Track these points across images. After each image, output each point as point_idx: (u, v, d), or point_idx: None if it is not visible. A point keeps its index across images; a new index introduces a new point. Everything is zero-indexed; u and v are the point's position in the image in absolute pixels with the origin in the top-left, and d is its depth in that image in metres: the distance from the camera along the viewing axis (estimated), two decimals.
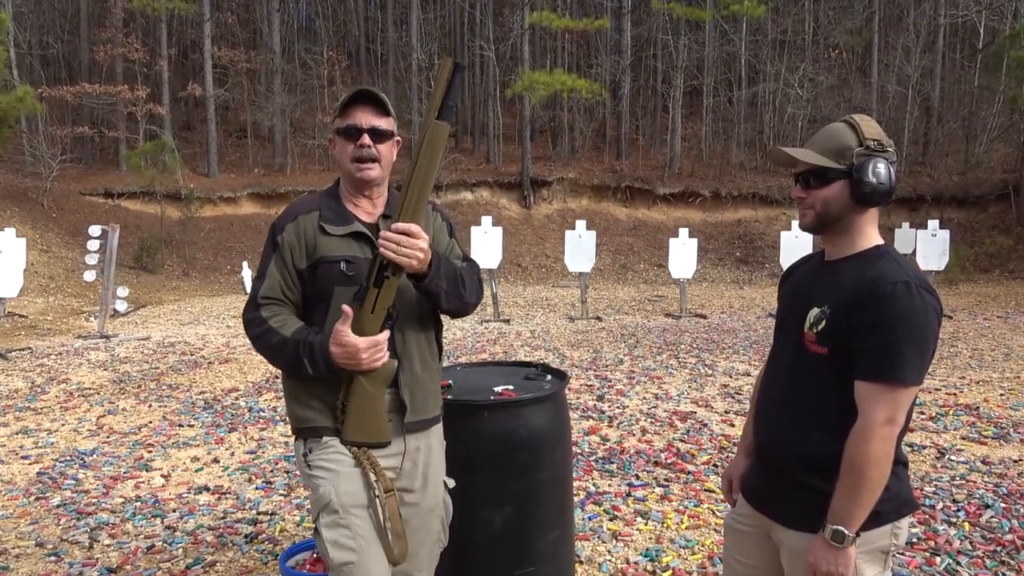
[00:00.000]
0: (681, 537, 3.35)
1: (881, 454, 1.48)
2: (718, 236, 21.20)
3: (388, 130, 1.89)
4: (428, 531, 1.96)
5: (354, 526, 1.77)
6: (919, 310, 1.48)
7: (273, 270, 1.86)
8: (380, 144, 1.87)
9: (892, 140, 1.64)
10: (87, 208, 19.24)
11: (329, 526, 1.77)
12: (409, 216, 1.74)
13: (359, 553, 1.75)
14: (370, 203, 1.93)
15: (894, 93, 24.33)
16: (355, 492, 1.79)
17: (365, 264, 1.82)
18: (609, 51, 26.56)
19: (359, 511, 1.78)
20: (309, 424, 1.85)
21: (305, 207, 1.92)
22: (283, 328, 1.81)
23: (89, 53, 24.77)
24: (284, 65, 26.71)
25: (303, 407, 1.86)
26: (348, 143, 1.86)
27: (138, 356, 8.22)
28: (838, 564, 1.51)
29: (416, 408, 1.90)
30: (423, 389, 1.92)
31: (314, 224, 1.87)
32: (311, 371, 1.77)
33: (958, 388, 6.26)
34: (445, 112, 1.72)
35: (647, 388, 6.41)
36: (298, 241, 1.86)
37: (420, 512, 1.93)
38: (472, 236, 11.64)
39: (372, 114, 1.86)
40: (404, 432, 1.88)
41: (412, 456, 1.90)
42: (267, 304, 1.84)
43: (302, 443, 1.88)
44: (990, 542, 3.25)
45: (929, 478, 4.09)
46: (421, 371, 1.92)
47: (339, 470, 1.80)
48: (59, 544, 3.38)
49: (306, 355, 1.76)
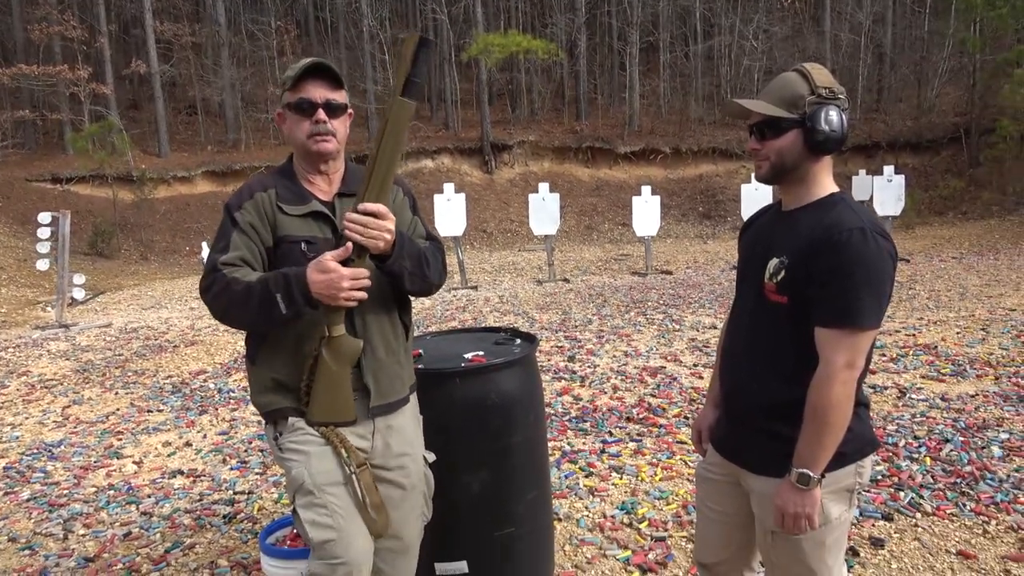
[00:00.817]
0: (655, 489, 3.42)
1: (843, 397, 1.51)
2: (680, 192, 21.35)
3: (342, 103, 1.83)
4: (412, 506, 1.96)
5: (330, 504, 1.76)
6: (874, 255, 1.51)
7: (237, 240, 1.77)
8: (335, 119, 1.81)
9: (846, 88, 1.65)
10: (35, 195, 18.63)
11: (305, 507, 1.76)
12: (374, 196, 1.69)
13: (338, 530, 1.75)
14: (325, 180, 1.87)
15: (847, 41, 24.55)
16: (329, 471, 1.78)
17: (326, 245, 1.76)
18: (563, 9, 26.25)
19: (334, 488, 1.77)
20: (275, 407, 1.83)
21: (260, 186, 1.84)
22: (246, 277, 1.72)
23: (23, 32, 23.72)
24: (231, 37, 25.92)
25: (267, 392, 1.83)
26: (302, 119, 1.78)
27: (100, 344, 8.05)
28: (805, 505, 1.55)
29: (381, 392, 1.87)
30: (387, 372, 1.88)
31: (272, 202, 1.80)
32: (285, 309, 1.67)
33: (916, 329, 6.45)
34: (410, 89, 1.65)
35: (616, 346, 6.48)
36: (260, 219, 1.79)
37: (400, 488, 1.92)
38: (435, 204, 11.56)
39: (325, 87, 1.80)
40: (371, 416, 1.86)
41: (383, 435, 1.89)
42: (227, 267, 1.74)
43: (272, 427, 1.86)
44: (950, 475, 3.38)
45: (891, 417, 4.23)
46: (385, 355, 1.88)
47: (310, 451, 1.78)
48: (32, 537, 3.33)
49: (280, 288, 1.67)
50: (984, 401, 4.41)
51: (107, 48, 22.77)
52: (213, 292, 1.73)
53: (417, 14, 28.70)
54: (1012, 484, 3.23)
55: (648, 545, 2.90)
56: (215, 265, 1.74)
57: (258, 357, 1.84)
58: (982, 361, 5.28)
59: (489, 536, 2.31)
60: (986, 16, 19.06)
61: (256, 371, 1.85)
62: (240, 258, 1.76)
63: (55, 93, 21.99)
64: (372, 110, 23.70)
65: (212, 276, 1.74)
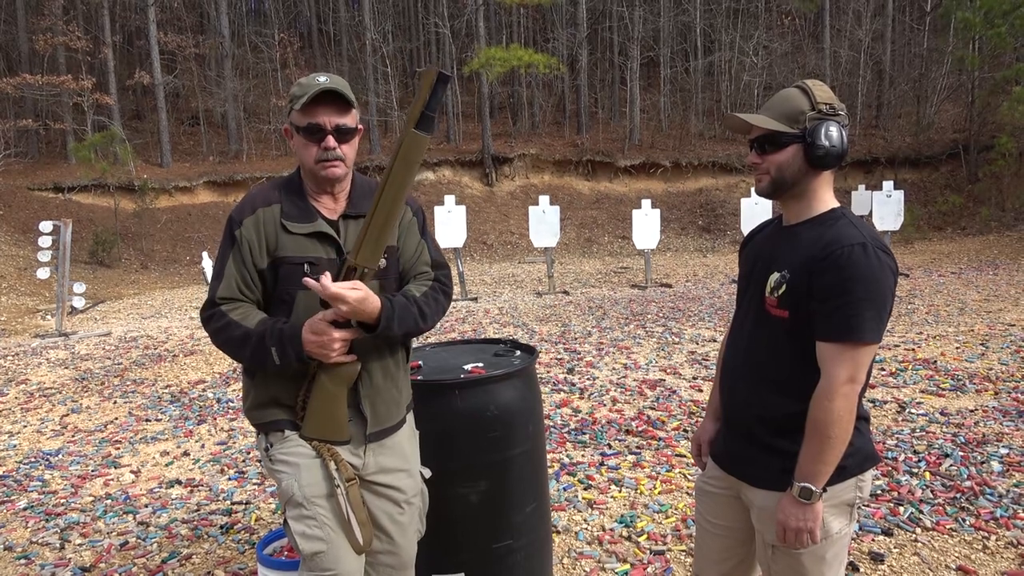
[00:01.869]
0: (654, 502, 3.41)
1: (844, 412, 1.52)
2: (680, 206, 21.39)
3: (353, 127, 1.81)
4: (409, 521, 1.95)
5: (319, 516, 1.75)
6: (876, 270, 1.52)
7: (231, 269, 1.78)
8: (345, 144, 1.79)
9: (845, 104, 1.66)
10: (36, 203, 18.65)
11: (296, 519, 1.75)
12: (377, 231, 1.67)
13: (328, 542, 1.75)
14: (332, 199, 1.85)
15: (847, 58, 24.69)
16: (317, 483, 1.77)
17: (328, 266, 1.75)
18: (565, 24, 26.42)
19: (323, 501, 1.77)
20: (268, 419, 1.82)
21: (264, 199, 1.82)
22: (245, 320, 1.75)
23: (28, 43, 23.83)
24: (234, 49, 26.05)
25: (261, 406, 1.83)
26: (311, 143, 1.76)
27: (99, 353, 8.04)
28: (806, 519, 1.55)
29: (378, 419, 1.86)
30: (384, 399, 1.87)
31: (275, 219, 1.78)
32: (278, 361, 1.71)
33: (916, 343, 6.45)
34: (424, 123, 1.64)
35: (616, 359, 6.48)
36: (258, 237, 1.77)
37: (396, 504, 1.91)
38: (436, 215, 11.59)
39: (336, 112, 1.76)
40: (366, 441, 1.86)
41: (375, 452, 1.88)
42: (225, 303, 1.78)
43: (263, 438, 1.86)
44: (950, 489, 3.37)
45: (891, 432, 4.22)
46: (383, 381, 1.86)
47: (300, 463, 1.78)
48: (28, 547, 3.32)
49: (274, 343, 1.70)
50: (984, 416, 4.41)
51: (111, 59, 22.89)
52: (212, 328, 1.79)
53: (420, 27, 28.87)
54: (1012, 499, 3.22)
55: (647, 559, 2.89)
56: (214, 300, 1.79)
57: (257, 373, 1.84)
58: (981, 376, 5.27)
59: (487, 548, 2.31)
60: (985, 34, 19.17)
61: (252, 385, 1.85)
62: (237, 290, 1.79)
63: (59, 103, 22.06)
64: (373, 122, 23.79)
65: (211, 311, 1.79)
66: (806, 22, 27.92)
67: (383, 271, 1.83)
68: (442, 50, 25.50)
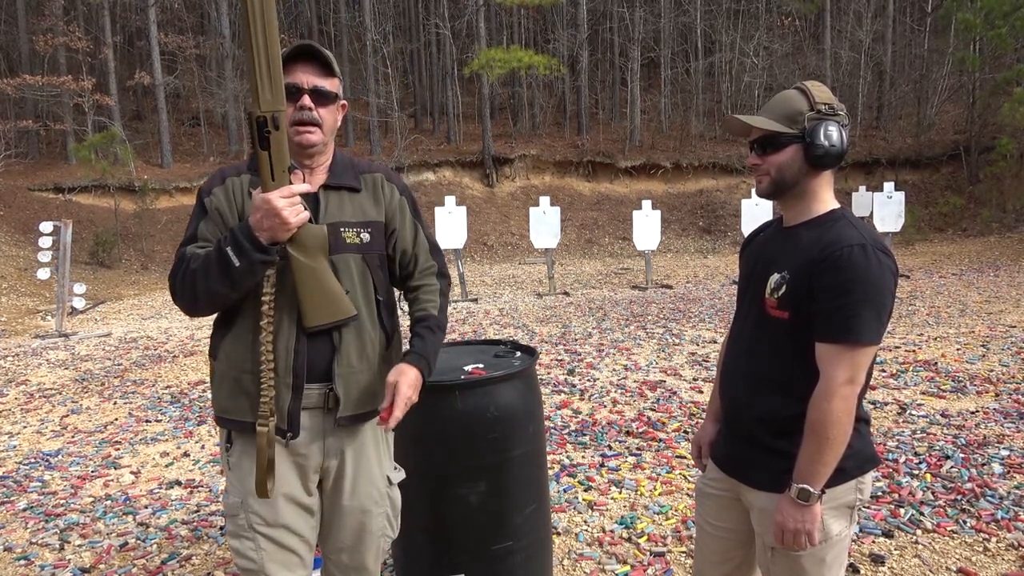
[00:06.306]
0: (655, 503, 3.41)
1: (843, 413, 1.51)
2: (681, 207, 21.39)
3: (332, 92, 1.71)
4: (366, 530, 1.84)
5: (258, 539, 1.71)
6: (875, 272, 1.51)
7: (202, 229, 1.69)
8: (323, 108, 1.69)
9: (846, 105, 1.66)
10: (36, 204, 18.66)
11: (233, 535, 1.73)
12: (266, 68, 1.53)
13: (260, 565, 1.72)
14: (307, 172, 1.73)
15: (847, 59, 24.69)
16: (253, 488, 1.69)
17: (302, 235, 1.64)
18: (565, 25, 26.42)
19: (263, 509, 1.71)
20: (229, 416, 1.74)
21: (234, 170, 1.75)
22: (202, 250, 1.65)
23: (29, 43, 23.85)
24: (235, 50, 26.05)
25: (227, 397, 1.73)
26: (287, 105, 1.62)
27: (99, 353, 8.04)
28: (805, 521, 1.55)
29: (350, 402, 1.74)
30: (358, 383, 1.75)
31: (244, 187, 1.71)
32: (238, 262, 1.56)
33: (917, 345, 6.44)
34: None
35: (616, 360, 6.47)
36: (228, 203, 1.70)
37: (352, 511, 1.81)
38: (436, 216, 11.59)
39: (315, 73, 1.68)
40: (334, 426, 1.75)
41: (334, 455, 1.78)
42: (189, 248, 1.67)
43: (225, 433, 1.78)
44: (951, 491, 3.37)
45: (891, 433, 4.22)
46: (358, 362, 1.75)
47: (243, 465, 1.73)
48: (28, 547, 3.31)
49: (229, 244, 1.57)
50: (984, 418, 4.40)
51: (111, 59, 22.89)
52: (179, 279, 1.65)
53: (420, 28, 28.87)
54: (1013, 501, 3.22)
55: (647, 560, 2.89)
56: (181, 256, 1.67)
57: (219, 351, 1.74)
58: (982, 378, 5.27)
59: (487, 549, 2.30)
60: (985, 35, 19.18)
61: (217, 367, 1.75)
62: (204, 241, 1.68)
63: (59, 103, 22.06)
64: (374, 123, 23.80)
65: (176, 267, 1.67)
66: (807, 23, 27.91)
67: (366, 246, 1.76)
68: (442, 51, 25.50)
